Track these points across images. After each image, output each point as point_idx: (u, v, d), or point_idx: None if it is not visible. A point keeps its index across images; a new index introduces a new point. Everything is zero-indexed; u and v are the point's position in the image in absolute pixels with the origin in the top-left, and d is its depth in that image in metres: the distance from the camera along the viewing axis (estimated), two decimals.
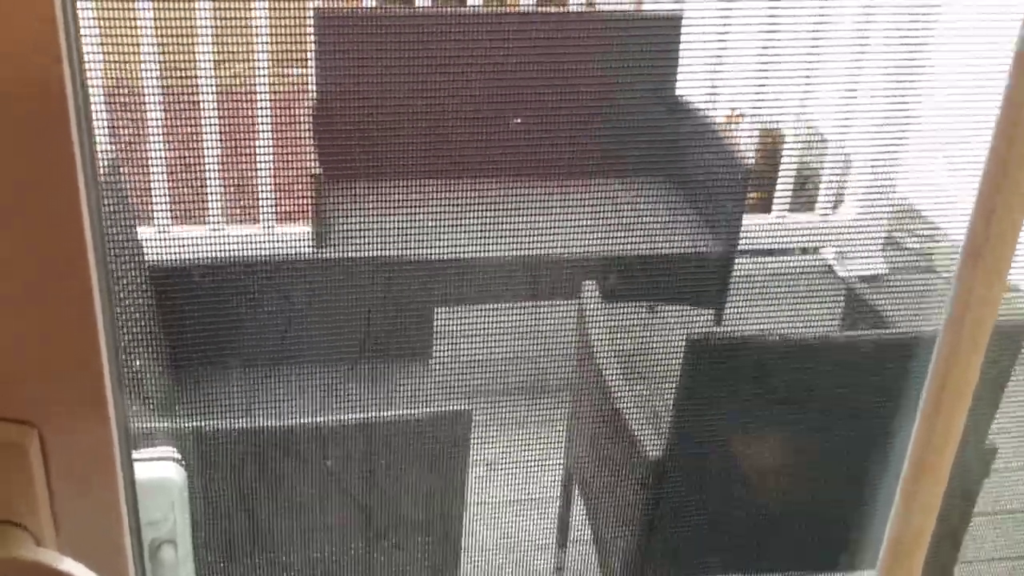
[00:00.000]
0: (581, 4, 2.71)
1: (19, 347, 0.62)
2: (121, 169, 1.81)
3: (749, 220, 2.74)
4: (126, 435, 0.66)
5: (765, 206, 2.84)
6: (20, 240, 0.60)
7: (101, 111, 2.29)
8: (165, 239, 2.00)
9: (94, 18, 1.99)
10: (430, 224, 1.85)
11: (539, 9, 2.68)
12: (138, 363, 1.48)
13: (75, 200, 0.60)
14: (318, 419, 1.46)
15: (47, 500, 0.65)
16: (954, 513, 1.64)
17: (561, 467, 1.90)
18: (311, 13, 1.99)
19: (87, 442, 0.65)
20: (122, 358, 0.65)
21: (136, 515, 0.70)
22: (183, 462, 0.78)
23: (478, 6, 2.65)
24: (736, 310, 2.26)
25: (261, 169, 2.31)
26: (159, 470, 0.76)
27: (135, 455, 0.71)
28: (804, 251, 3.00)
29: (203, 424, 1.44)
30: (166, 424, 1.47)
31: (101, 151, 2.05)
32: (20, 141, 0.58)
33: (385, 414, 1.49)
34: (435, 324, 1.86)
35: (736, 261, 2.36)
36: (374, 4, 2.63)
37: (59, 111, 0.58)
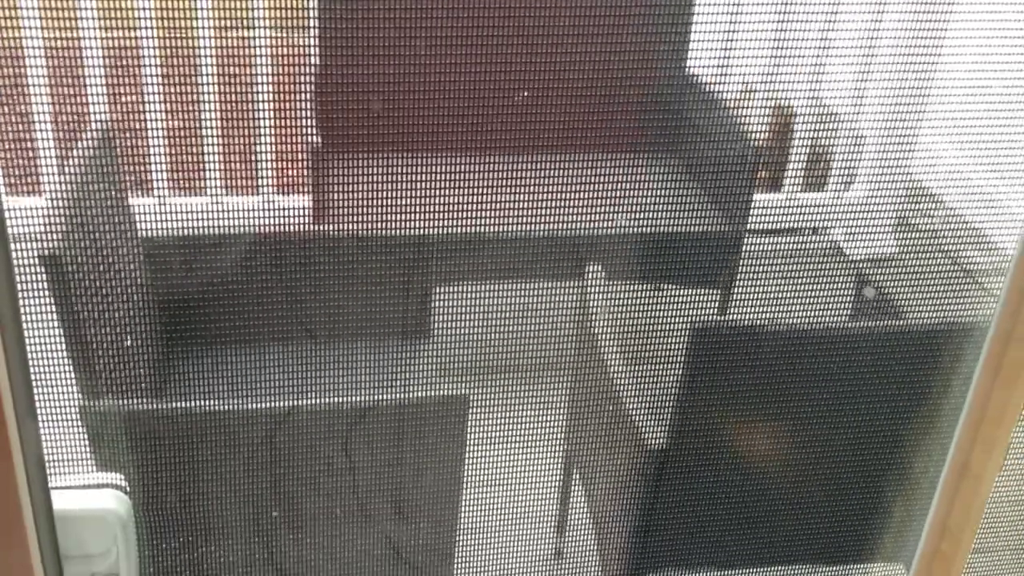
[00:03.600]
0: None
1: None
2: (114, 139, 1.76)
3: (758, 198, 2.69)
4: (38, 469, 0.60)
5: (775, 184, 2.79)
6: None
7: (98, 76, 2.24)
8: (161, 211, 1.95)
9: None
10: (430, 199, 1.81)
11: None
12: (126, 344, 1.43)
13: None
14: (306, 401, 1.42)
15: None
16: None
17: (561, 451, 1.86)
18: None
19: None
20: (31, 385, 0.59)
21: (55, 554, 0.65)
22: (127, 489, 0.73)
23: None
24: (744, 291, 2.21)
25: (260, 139, 2.26)
26: (99, 500, 0.71)
27: (72, 482, 0.66)
28: (814, 231, 2.95)
29: (190, 408, 1.40)
30: (149, 408, 1.43)
31: (96, 119, 2.01)
32: None
33: (379, 397, 1.45)
34: (434, 303, 1.82)
35: (745, 240, 2.31)
36: None
37: None
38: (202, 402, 1.42)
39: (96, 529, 0.69)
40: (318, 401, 1.40)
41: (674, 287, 2.14)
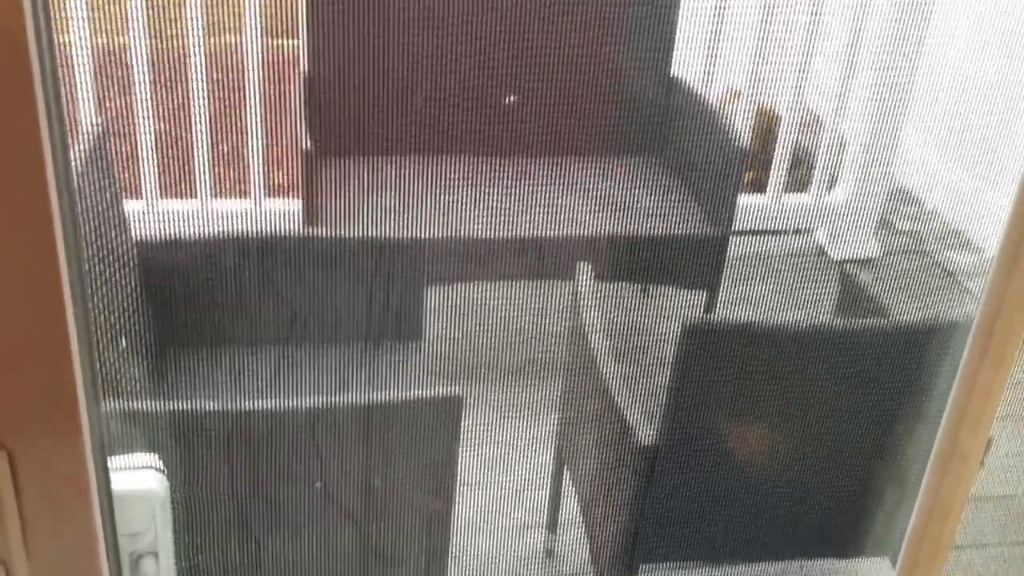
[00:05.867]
0: None
1: None
2: (107, 143, 1.77)
3: (743, 200, 2.72)
4: (101, 451, 0.63)
5: (760, 186, 2.82)
6: None
7: (87, 82, 2.24)
8: (152, 215, 1.97)
9: None
10: (421, 202, 1.83)
11: None
12: (121, 346, 1.45)
13: (44, 197, 0.55)
14: (305, 403, 1.44)
15: (17, 525, 0.61)
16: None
17: (552, 449, 1.89)
18: None
19: (60, 461, 0.61)
20: (97, 368, 0.62)
21: (114, 532, 0.67)
22: (164, 470, 0.75)
23: None
24: (729, 291, 2.24)
25: (251, 144, 2.28)
26: (139, 480, 0.73)
27: (113, 463, 0.68)
28: (797, 232, 2.99)
29: (186, 409, 1.42)
30: (147, 410, 1.45)
31: (87, 124, 2.01)
32: None
33: (375, 398, 1.47)
34: (425, 305, 1.84)
35: (730, 242, 2.34)
36: None
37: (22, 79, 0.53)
38: (197, 402, 1.44)
39: (137, 509, 0.71)
40: (311, 402, 1.43)
41: (661, 287, 2.17)
